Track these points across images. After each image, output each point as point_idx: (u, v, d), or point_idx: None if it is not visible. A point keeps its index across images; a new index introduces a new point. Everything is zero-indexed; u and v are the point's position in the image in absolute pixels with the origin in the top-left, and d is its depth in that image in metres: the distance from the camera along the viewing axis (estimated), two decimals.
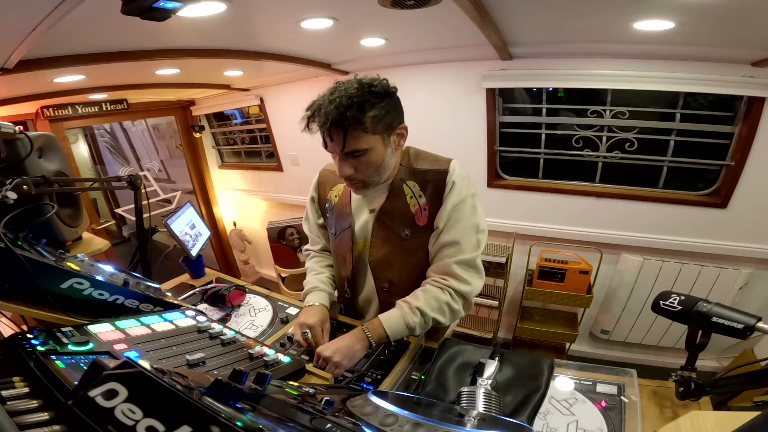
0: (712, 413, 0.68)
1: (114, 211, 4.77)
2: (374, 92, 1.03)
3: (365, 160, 1.08)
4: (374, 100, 1.02)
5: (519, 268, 2.83)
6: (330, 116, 0.99)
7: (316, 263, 1.45)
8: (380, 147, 1.09)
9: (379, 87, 1.04)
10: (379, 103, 1.03)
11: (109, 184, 1.69)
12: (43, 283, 0.89)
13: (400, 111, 1.12)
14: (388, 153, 1.12)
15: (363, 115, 1.01)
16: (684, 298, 0.89)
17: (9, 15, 1.27)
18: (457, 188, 1.14)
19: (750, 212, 2.20)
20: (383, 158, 1.11)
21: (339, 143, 1.04)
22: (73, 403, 0.41)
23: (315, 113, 1.04)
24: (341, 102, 0.98)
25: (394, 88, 1.10)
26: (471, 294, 1.18)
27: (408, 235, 1.20)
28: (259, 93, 3.53)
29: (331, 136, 1.04)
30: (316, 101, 1.05)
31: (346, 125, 1.00)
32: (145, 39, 1.80)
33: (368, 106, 1.01)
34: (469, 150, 2.69)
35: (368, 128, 1.03)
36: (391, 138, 1.11)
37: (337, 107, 0.98)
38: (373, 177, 1.13)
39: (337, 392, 0.87)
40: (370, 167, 1.10)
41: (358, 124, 1.01)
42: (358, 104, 0.99)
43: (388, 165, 1.14)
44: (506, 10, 1.67)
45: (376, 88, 1.03)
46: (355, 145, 1.04)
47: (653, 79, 2.09)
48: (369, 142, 1.06)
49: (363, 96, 1.01)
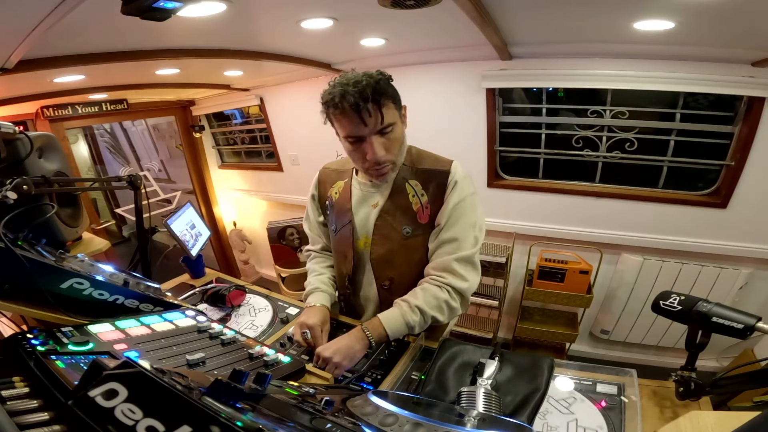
0: (712, 413, 0.68)
1: (114, 211, 4.77)
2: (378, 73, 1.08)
3: (393, 137, 1.12)
4: (381, 77, 1.08)
5: (519, 268, 2.83)
6: (360, 92, 1.01)
7: (318, 264, 1.46)
8: (399, 122, 1.14)
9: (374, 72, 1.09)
10: (383, 81, 1.08)
11: (109, 184, 1.69)
12: (43, 283, 0.89)
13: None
14: (403, 129, 1.18)
15: (388, 88, 1.08)
16: (684, 298, 0.89)
17: (9, 15, 1.27)
18: (459, 187, 1.17)
19: (750, 212, 2.20)
20: (403, 134, 1.17)
21: (377, 118, 1.06)
22: (73, 403, 0.41)
23: (341, 100, 1.03)
24: (368, 82, 1.03)
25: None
26: (468, 291, 1.19)
27: (409, 232, 1.22)
28: (259, 93, 3.53)
29: (369, 113, 1.04)
30: (334, 91, 1.05)
31: (380, 99, 1.04)
32: (145, 39, 1.80)
33: (383, 82, 1.07)
34: (469, 150, 2.69)
35: (395, 100, 1.10)
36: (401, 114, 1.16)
37: (368, 85, 1.02)
38: (399, 156, 1.18)
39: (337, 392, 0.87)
40: (396, 145, 1.15)
41: (388, 96, 1.07)
42: (377, 80, 1.05)
43: (405, 143, 1.20)
44: (506, 10, 1.67)
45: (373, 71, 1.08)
46: (391, 117, 1.09)
47: (653, 79, 2.09)
48: (395, 117, 1.12)
49: (376, 76, 1.06)
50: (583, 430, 0.88)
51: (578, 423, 0.89)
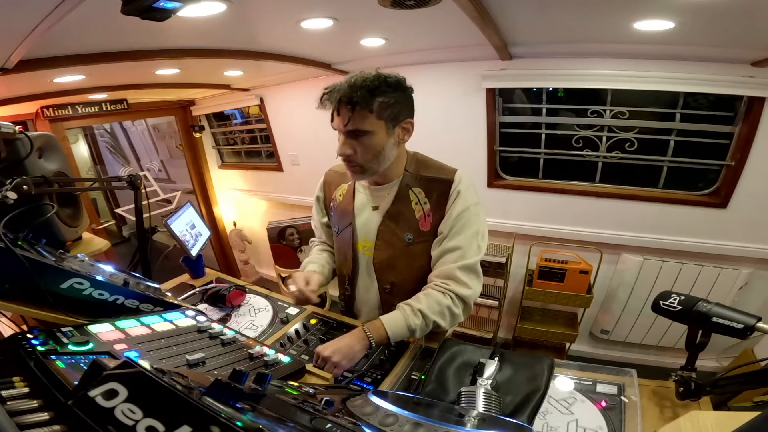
0: (712, 413, 0.68)
1: (114, 211, 4.77)
2: (388, 82, 1.09)
3: (366, 143, 1.12)
4: (386, 88, 1.08)
5: (519, 268, 2.83)
6: (342, 92, 1.07)
7: (318, 250, 1.52)
8: (383, 134, 1.12)
9: (393, 79, 1.11)
10: (390, 92, 1.09)
11: (109, 184, 1.69)
12: (43, 283, 0.89)
13: (410, 107, 1.18)
14: (390, 143, 1.15)
15: (372, 98, 1.07)
16: (684, 298, 0.89)
17: (9, 15, 1.27)
18: (462, 197, 1.18)
19: (750, 212, 2.20)
20: (384, 146, 1.14)
21: (344, 119, 1.09)
22: (73, 403, 0.41)
23: (331, 91, 1.09)
24: (356, 83, 1.07)
25: (411, 88, 1.17)
26: (471, 298, 1.20)
27: (411, 239, 1.23)
28: (259, 93, 3.53)
29: (339, 111, 1.09)
30: (338, 83, 1.10)
31: (355, 103, 1.06)
32: (145, 39, 1.80)
33: (379, 92, 1.07)
34: (469, 150, 2.69)
35: (374, 111, 1.08)
36: (395, 129, 1.15)
37: (351, 86, 1.06)
38: (371, 163, 1.16)
39: (337, 392, 0.87)
40: (370, 152, 1.13)
41: (365, 105, 1.06)
42: (370, 87, 1.06)
43: (388, 155, 1.17)
44: (506, 10, 1.67)
45: (390, 79, 1.10)
46: (359, 124, 1.08)
47: (653, 79, 2.09)
48: (372, 126, 1.09)
49: (376, 82, 1.07)
50: (583, 430, 0.88)
51: (578, 423, 0.89)
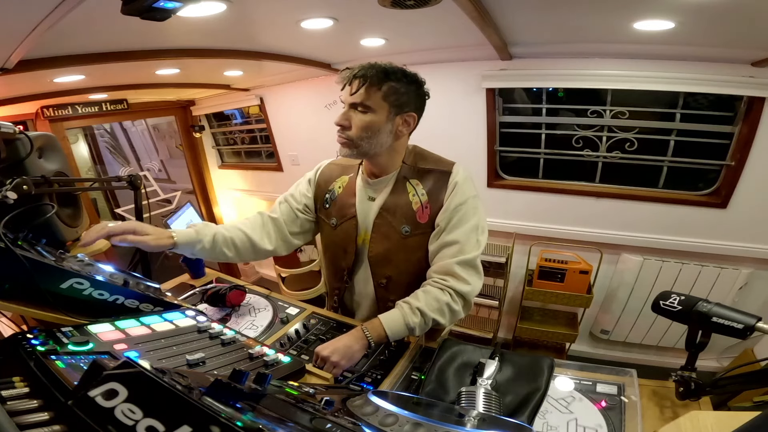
0: (712, 413, 0.68)
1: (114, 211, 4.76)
2: (405, 72, 1.15)
3: (365, 119, 1.14)
4: (401, 76, 1.14)
5: (519, 268, 2.83)
6: (360, 67, 1.13)
7: (242, 222, 1.32)
8: (383, 116, 1.14)
9: (412, 73, 1.17)
10: (404, 81, 1.14)
11: (109, 184, 1.70)
12: (43, 283, 0.89)
13: (418, 104, 1.19)
14: (387, 129, 1.16)
15: (385, 79, 1.12)
16: (684, 298, 0.89)
17: (9, 15, 1.27)
18: (460, 189, 1.17)
19: (750, 212, 2.20)
20: (379, 128, 1.15)
21: (352, 89, 1.13)
22: (73, 403, 0.41)
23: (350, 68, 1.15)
24: (376, 63, 1.14)
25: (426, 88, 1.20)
26: (471, 294, 1.18)
27: (408, 231, 1.22)
28: (259, 93, 3.53)
29: (351, 83, 1.14)
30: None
31: (367, 78, 1.12)
32: (145, 39, 1.80)
33: (393, 77, 1.13)
34: (469, 150, 2.69)
35: (382, 91, 1.12)
36: (396, 118, 1.16)
37: (371, 65, 1.13)
38: (362, 141, 1.16)
39: (337, 392, 0.87)
40: (364, 129, 1.14)
41: (376, 82, 1.12)
42: (387, 71, 1.13)
43: (381, 140, 1.17)
44: (506, 10, 1.67)
45: (408, 72, 1.16)
46: (364, 99, 1.12)
47: (653, 79, 2.09)
48: (376, 104, 1.13)
49: (394, 68, 1.14)
50: (582, 430, 0.87)
51: (578, 423, 0.89)
